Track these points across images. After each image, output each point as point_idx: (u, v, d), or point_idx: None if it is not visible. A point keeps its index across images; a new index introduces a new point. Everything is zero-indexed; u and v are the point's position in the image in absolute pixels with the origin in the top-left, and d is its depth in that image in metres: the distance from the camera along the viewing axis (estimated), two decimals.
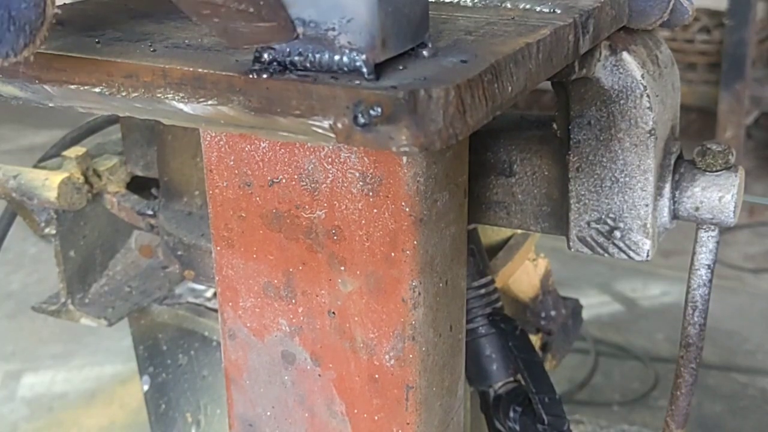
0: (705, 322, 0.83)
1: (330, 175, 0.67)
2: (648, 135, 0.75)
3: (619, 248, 0.79)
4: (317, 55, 0.54)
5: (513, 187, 0.85)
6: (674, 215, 0.80)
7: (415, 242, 0.67)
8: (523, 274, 1.22)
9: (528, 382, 0.91)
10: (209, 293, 1.18)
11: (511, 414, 0.92)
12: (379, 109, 0.50)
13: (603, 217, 0.79)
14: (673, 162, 0.79)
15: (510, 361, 0.95)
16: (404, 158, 0.64)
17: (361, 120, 0.51)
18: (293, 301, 0.73)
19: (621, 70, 0.74)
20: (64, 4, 0.72)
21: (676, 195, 0.79)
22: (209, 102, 0.56)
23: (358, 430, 0.75)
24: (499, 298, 0.98)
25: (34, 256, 3.32)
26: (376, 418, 0.74)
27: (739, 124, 3.81)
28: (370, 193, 0.67)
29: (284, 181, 0.70)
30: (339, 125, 0.52)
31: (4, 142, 4.50)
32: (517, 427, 0.92)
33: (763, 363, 2.68)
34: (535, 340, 1.22)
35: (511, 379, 0.95)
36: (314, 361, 0.75)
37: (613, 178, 0.77)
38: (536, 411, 0.90)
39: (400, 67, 0.54)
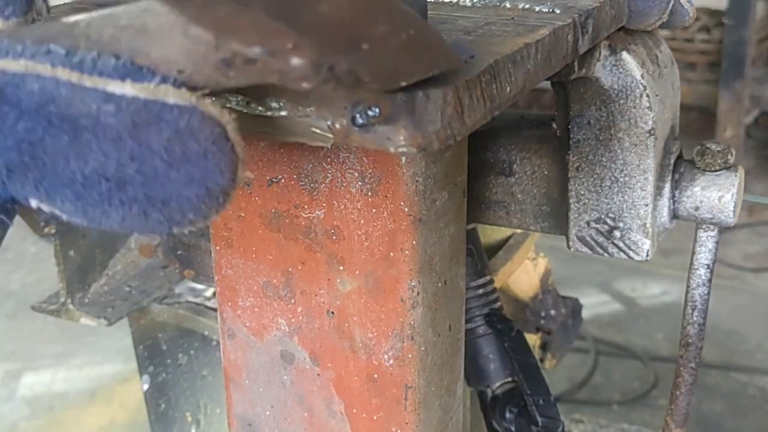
0: (705, 322, 0.83)
1: (329, 175, 0.67)
2: (648, 135, 0.75)
3: (619, 248, 0.79)
4: None
5: (512, 187, 0.85)
6: (674, 215, 0.80)
7: (414, 242, 0.67)
8: (523, 274, 1.22)
9: (523, 384, 0.91)
10: (209, 293, 1.18)
11: (507, 415, 0.92)
12: (377, 110, 0.50)
13: (602, 216, 0.79)
14: (672, 162, 0.79)
15: (508, 361, 0.95)
16: (403, 158, 0.64)
17: (359, 120, 0.51)
18: (292, 300, 0.73)
19: (621, 70, 0.74)
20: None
21: (676, 195, 0.79)
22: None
23: (357, 429, 0.75)
24: (497, 299, 0.98)
25: (34, 256, 3.32)
26: (375, 417, 0.74)
27: (738, 124, 3.82)
28: (369, 193, 0.66)
29: (283, 180, 0.70)
30: (337, 125, 0.52)
31: None
32: (513, 428, 0.92)
33: (763, 362, 2.68)
34: (535, 339, 1.22)
35: (509, 379, 0.95)
36: (313, 361, 0.75)
37: (612, 178, 0.77)
38: (530, 413, 0.90)
39: None
